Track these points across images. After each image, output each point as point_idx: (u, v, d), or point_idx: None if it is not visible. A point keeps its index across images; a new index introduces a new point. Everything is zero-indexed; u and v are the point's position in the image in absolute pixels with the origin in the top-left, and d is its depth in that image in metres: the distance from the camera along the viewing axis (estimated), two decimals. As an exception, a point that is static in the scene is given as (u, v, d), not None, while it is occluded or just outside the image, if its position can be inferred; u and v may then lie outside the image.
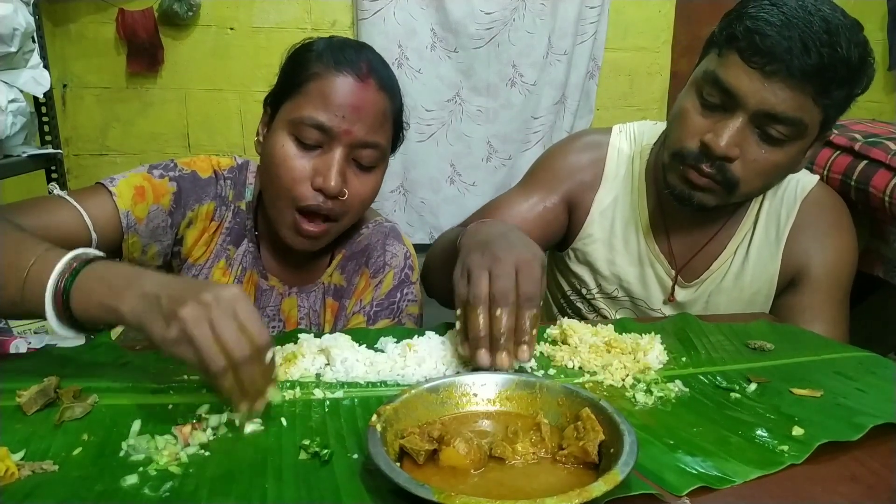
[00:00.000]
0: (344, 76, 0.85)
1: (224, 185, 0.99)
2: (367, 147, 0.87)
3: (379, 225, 1.03)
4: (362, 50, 0.90)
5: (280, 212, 0.89)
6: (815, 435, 0.60)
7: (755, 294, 1.10)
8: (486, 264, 0.70)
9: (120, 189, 0.88)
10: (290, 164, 0.86)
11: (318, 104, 0.84)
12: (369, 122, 0.86)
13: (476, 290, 0.69)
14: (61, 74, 2.79)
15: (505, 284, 0.68)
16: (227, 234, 0.99)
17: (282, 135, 0.87)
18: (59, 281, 0.63)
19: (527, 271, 0.70)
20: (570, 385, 0.64)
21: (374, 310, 0.96)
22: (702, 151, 0.93)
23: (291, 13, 2.92)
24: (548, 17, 2.98)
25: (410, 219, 3.18)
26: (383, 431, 0.53)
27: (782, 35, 0.84)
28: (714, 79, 0.91)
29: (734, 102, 0.90)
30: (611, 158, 1.14)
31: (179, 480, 0.53)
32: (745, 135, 0.90)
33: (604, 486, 0.47)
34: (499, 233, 0.78)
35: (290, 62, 0.91)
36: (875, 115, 2.61)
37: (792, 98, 0.86)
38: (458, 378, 0.64)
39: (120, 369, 0.72)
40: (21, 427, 0.60)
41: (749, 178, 0.93)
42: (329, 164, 0.85)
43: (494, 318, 0.68)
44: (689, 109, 0.95)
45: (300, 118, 0.85)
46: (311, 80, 0.86)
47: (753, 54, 0.87)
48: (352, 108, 0.84)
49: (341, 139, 0.85)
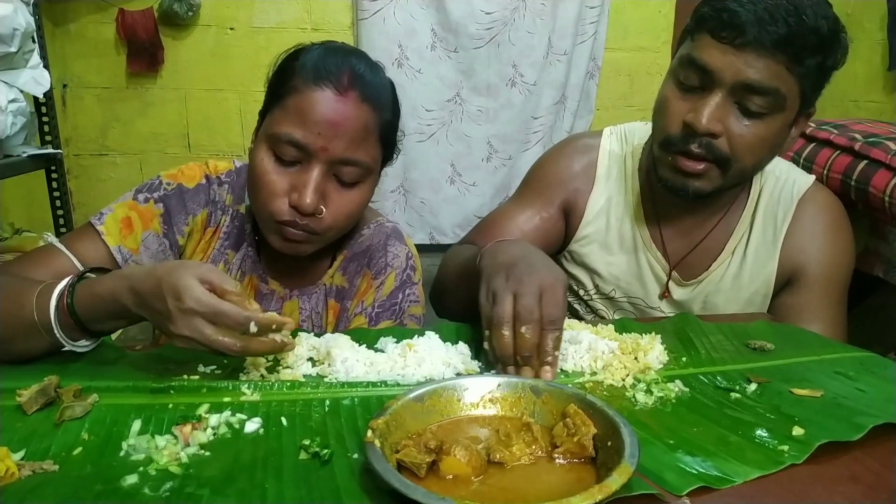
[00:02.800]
0: (322, 90, 0.82)
1: (218, 190, 0.98)
2: (347, 164, 0.85)
3: (380, 226, 1.03)
4: (348, 58, 0.86)
5: (263, 222, 0.89)
6: (815, 435, 0.60)
7: (753, 294, 1.11)
8: (510, 287, 0.73)
9: (107, 226, 0.89)
10: (266, 178, 0.84)
11: (295, 120, 0.82)
12: (348, 137, 0.83)
13: (500, 311, 0.72)
14: (61, 74, 2.79)
15: (529, 303, 0.71)
16: (224, 239, 0.98)
17: (262, 148, 0.86)
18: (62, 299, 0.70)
19: (550, 294, 0.73)
20: (553, 383, 0.64)
21: (375, 311, 0.96)
22: (686, 133, 0.95)
23: (291, 13, 2.92)
24: (548, 17, 2.98)
25: (410, 219, 3.18)
26: (381, 447, 0.53)
27: (748, 9, 0.87)
28: (689, 60, 0.94)
29: (710, 80, 0.92)
30: (602, 160, 1.15)
31: (179, 480, 0.53)
32: (726, 110, 0.92)
33: (619, 478, 0.48)
34: (520, 255, 0.80)
35: (275, 72, 0.89)
36: (875, 115, 2.61)
37: (765, 67, 0.89)
38: (441, 384, 0.64)
39: (120, 369, 0.72)
40: (21, 427, 0.60)
41: (738, 153, 0.94)
42: (305, 182, 0.83)
43: (519, 336, 0.71)
44: (668, 97, 0.98)
45: (277, 134, 0.83)
46: (289, 94, 0.84)
47: (723, 30, 0.89)
48: (329, 125, 0.82)
49: (319, 156, 0.83)
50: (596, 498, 0.46)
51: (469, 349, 0.78)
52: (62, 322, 0.70)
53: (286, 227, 0.86)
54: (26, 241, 2.03)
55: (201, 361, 0.72)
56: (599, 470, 0.54)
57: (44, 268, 0.84)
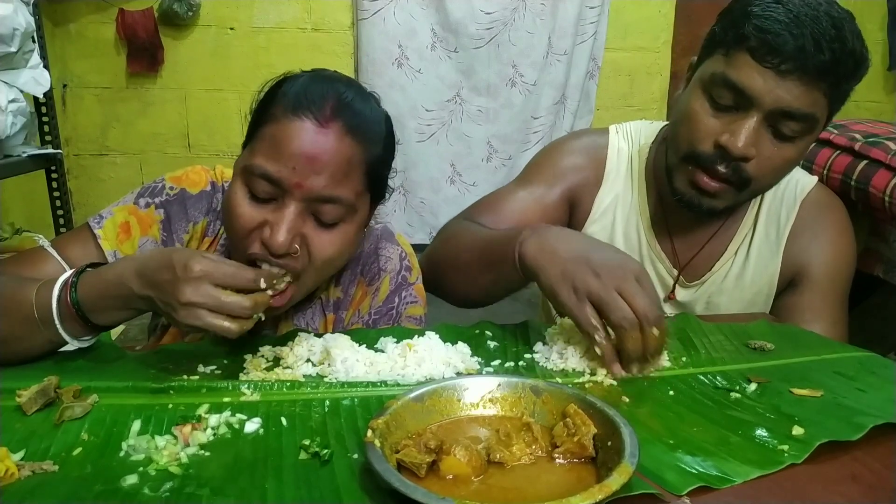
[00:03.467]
0: (301, 120, 0.75)
1: (222, 199, 0.94)
2: (326, 202, 0.77)
3: (369, 230, 0.98)
4: (335, 86, 0.79)
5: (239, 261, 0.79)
6: (815, 435, 0.60)
7: (756, 294, 1.11)
8: (609, 284, 0.74)
9: (105, 230, 0.87)
10: (238, 212, 0.77)
11: (269, 153, 0.75)
12: (328, 173, 0.75)
13: (624, 314, 0.72)
14: (61, 74, 2.79)
15: (645, 302, 0.72)
16: (222, 251, 0.95)
17: (237, 181, 0.79)
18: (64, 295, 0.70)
19: (647, 282, 0.74)
20: (553, 382, 0.64)
21: (372, 318, 0.94)
22: (717, 153, 0.93)
23: (291, 13, 2.92)
24: (548, 17, 2.98)
25: (410, 219, 3.18)
26: (380, 447, 0.53)
27: (793, 33, 0.85)
28: (725, 80, 0.91)
29: (748, 102, 0.90)
30: (611, 158, 1.14)
31: (179, 480, 0.53)
32: (761, 134, 0.91)
33: (620, 478, 0.48)
34: (582, 244, 0.80)
35: (260, 100, 0.83)
36: (875, 115, 2.61)
37: (806, 94, 0.87)
38: (441, 384, 0.64)
39: (119, 370, 0.72)
40: (21, 427, 0.60)
41: (761, 176, 0.94)
42: (278, 220, 0.75)
43: (650, 336, 0.72)
44: (698, 111, 0.94)
45: (250, 167, 0.76)
46: (266, 123, 0.77)
47: (766, 54, 0.87)
48: (306, 159, 0.74)
49: (294, 193, 0.75)
50: (596, 498, 0.46)
51: (469, 349, 0.77)
52: (63, 314, 0.70)
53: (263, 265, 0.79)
54: (26, 241, 2.03)
55: (201, 362, 0.72)
56: (599, 470, 0.54)
57: (31, 271, 0.82)
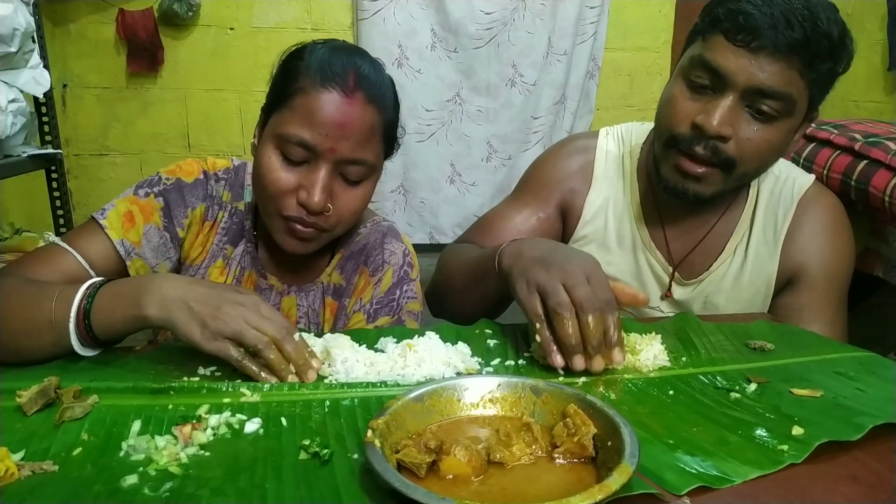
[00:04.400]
0: (329, 92, 0.84)
1: (216, 186, 1.00)
2: (353, 164, 0.87)
3: (377, 224, 1.04)
4: (352, 58, 0.88)
5: (271, 218, 0.91)
6: (815, 435, 0.60)
7: (754, 294, 1.11)
8: (556, 277, 0.73)
9: (110, 220, 0.91)
10: (274, 176, 0.86)
11: (303, 122, 0.84)
12: (355, 138, 0.86)
13: (559, 299, 0.72)
14: (61, 74, 2.79)
15: (586, 291, 0.71)
16: (223, 234, 0.99)
17: (269, 147, 0.87)
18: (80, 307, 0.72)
19: (596, 279, 0.73)
20: (553, 382, 0.64)
21: (373, 308, 0.97)
22: (694, 134, 0.94)
23: (291, 13, 2.92)
24: (548, 17, 2.98)
25: (410, 219, 3.18)
26: (380, 447, 0.53)
27: (764, 12, 0.87)
28: (701, 61, 0.93)
29: (723, 82, 0.91)
30: (599, 160, 1.15)
31: (179, 480, 0.53)
32: (737, 113, 0.92)
33: (619, 478, 0.48)
34: (547, 248, 0.81)
35: (280, 71, 0.91)
36: (875, 115, 2.61)
37: (780, 72, 0.88)
38: (441, 384, 0.64)
39: (120, 369, 0.72)
40: (21, 427, 0.60)
41: (744, 157, 0.94)
42: (313, 181, 0.86)
43: (585, 326, 0.71)
44: (676, 95, 0.97)
45: (285, 135, 0.85)
46: (296, 94, 0.85)
47: (738, 32, 0.89)
48: (337, 126, 0.84)
49: (326, 157, 0.85)
50: (596, 498, 0.46)
51: (469, 349, 0.77)
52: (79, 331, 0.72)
53: (295, 225, 0.88)
54: (26, 241, 2.03)
55: (201, 363, 0.72)
56: (599, 470, 0.54)
57: (49, 267, 0.85)
